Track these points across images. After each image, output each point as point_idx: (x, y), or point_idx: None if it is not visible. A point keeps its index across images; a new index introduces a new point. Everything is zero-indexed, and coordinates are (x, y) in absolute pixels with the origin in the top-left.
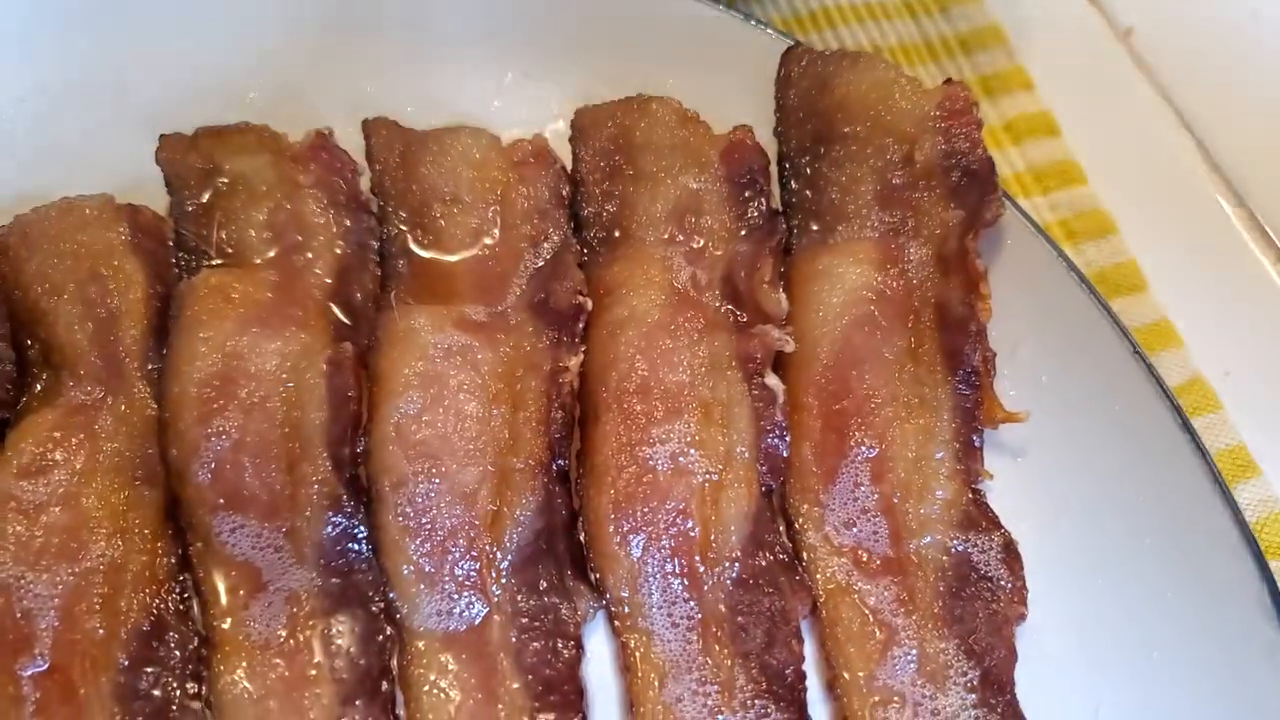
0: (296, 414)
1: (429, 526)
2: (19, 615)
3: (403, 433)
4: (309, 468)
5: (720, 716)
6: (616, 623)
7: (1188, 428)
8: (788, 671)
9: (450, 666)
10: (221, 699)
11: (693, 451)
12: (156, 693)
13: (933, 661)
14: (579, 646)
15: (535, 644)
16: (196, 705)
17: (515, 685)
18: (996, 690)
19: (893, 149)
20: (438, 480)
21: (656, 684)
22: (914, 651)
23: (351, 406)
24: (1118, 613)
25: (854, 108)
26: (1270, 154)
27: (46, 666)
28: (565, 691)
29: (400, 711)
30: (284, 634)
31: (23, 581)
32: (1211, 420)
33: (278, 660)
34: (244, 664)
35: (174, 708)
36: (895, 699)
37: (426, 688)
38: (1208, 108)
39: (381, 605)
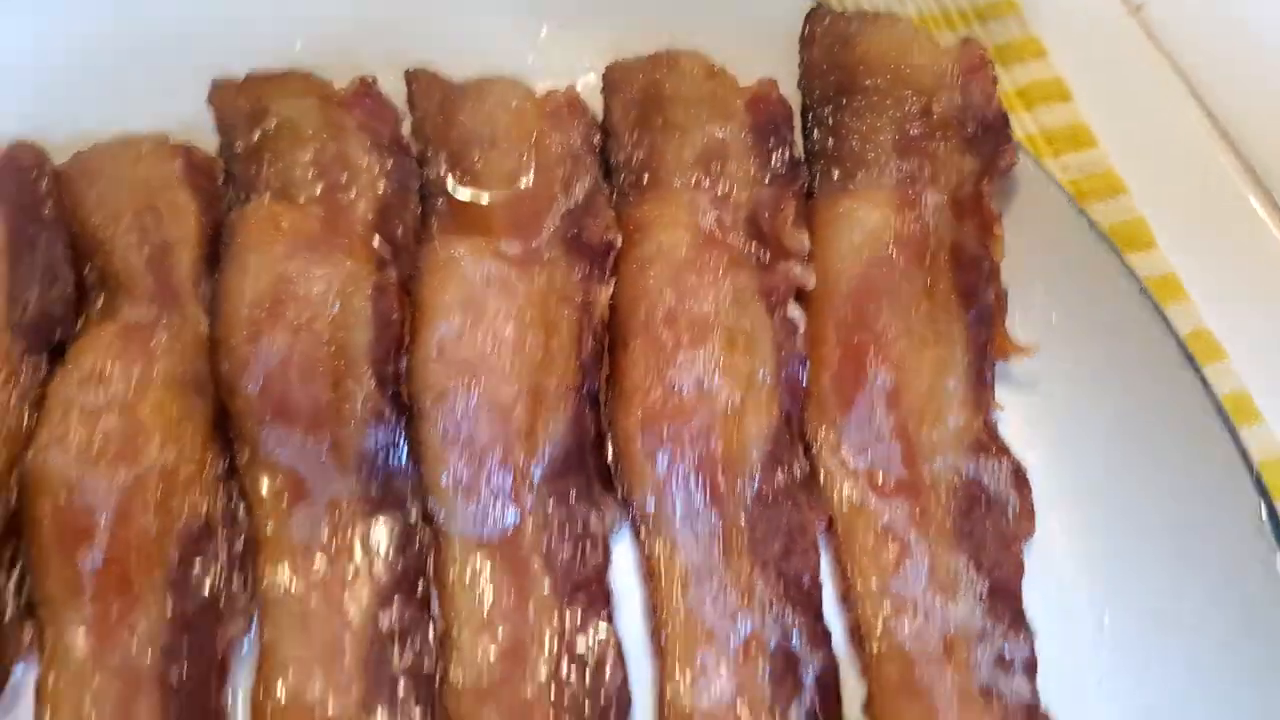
0: (342, 335)
1: (467, 439)
2: (79, 511)
3: (444, 352)
4: (353, 384)
5: (739, 618)
6: (642, 533)
7: (1190, 360)
8: (804, 578)
9: (484, 569)
10: (266, 596)
11: (716, 376)
12: (205, 587)
13: (943, 573)
14: (606, 553)
15: (564, 549)
16: (243, 600)
17: (545, 587)
18: (1004, 600)
19: (911, 101)
20: (476, 397)
21: (679, 589)
22: (925, 564)
23: (395, 329)
24: (1121, 532)
25: (875, 63)
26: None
27: (104, 558)
28: (593, 592)
29: (435, 611)
30: (325, 537)
31: (83, 481)
32: (1216, 369)
33: (319, 561)
34: (287, 564)
35: (222, 601)
36: (907, 608)
37: (462, 588)
38: (1217, 77)
39: (419, 512)
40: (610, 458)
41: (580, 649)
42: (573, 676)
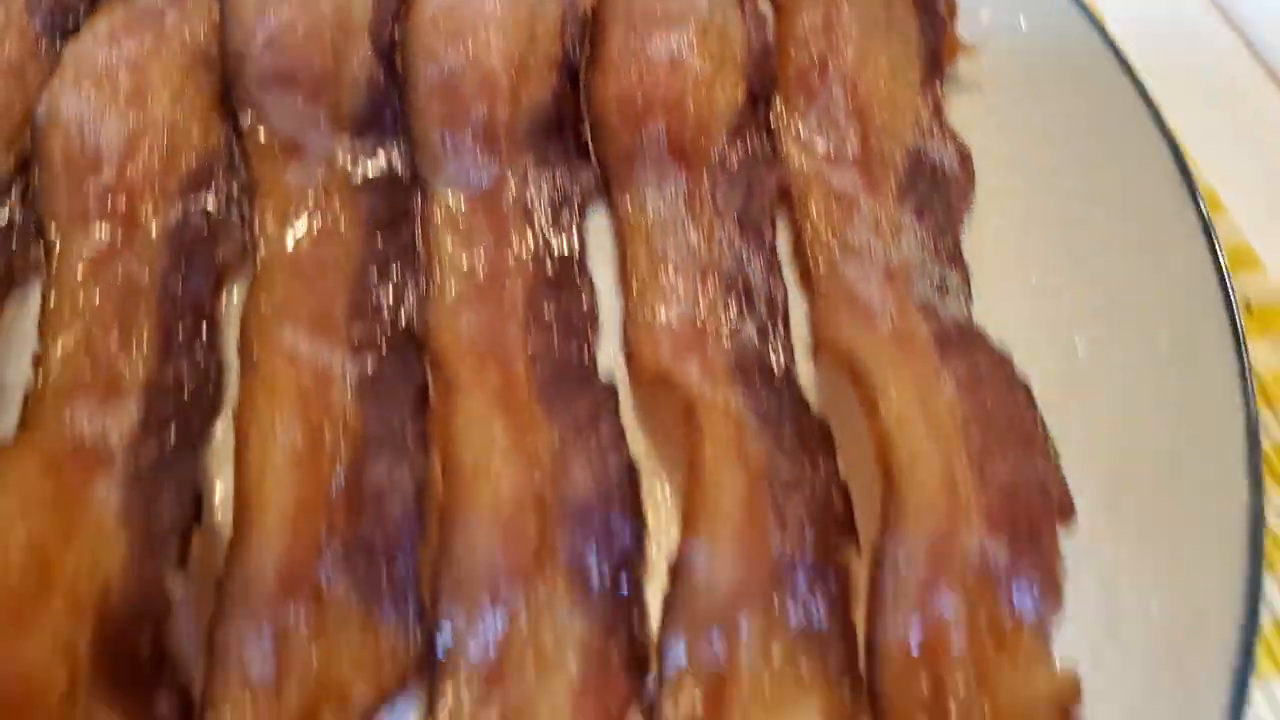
0: (342, 5)
1: (454, 99)
2: (89, 145)
3: (437, 22)
4: (351, 51)
5: (700, 254)
6: (614, 194)
7: (1135, 80)
8: (762, 226)
9: (467, 219)
10: (261, 234)
11: (689, 54)
12: (204, 217)
13: (889, 225)
14: (581, 210)
15: (542, 203)
16: (239, 230)
17: (524, 237)
18: (945, 242)
19: None
20: (465, 61)
21: (646, 237)
22: (872, 218)
23: (391, 2)
24: (1058, 221)
25: None
26: None
27: (109, 187)
28: (567, 239)
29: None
30: (319, 187)
31: (94, 121)
32: None
33: (313, 207)
34: (281, 207)
35: (220, 228)
36: (853, 250)
37: (446, 237)
38: None
39: (408, 170)
40: (588, 131)
41: (550, 271)
42: (549, 306)
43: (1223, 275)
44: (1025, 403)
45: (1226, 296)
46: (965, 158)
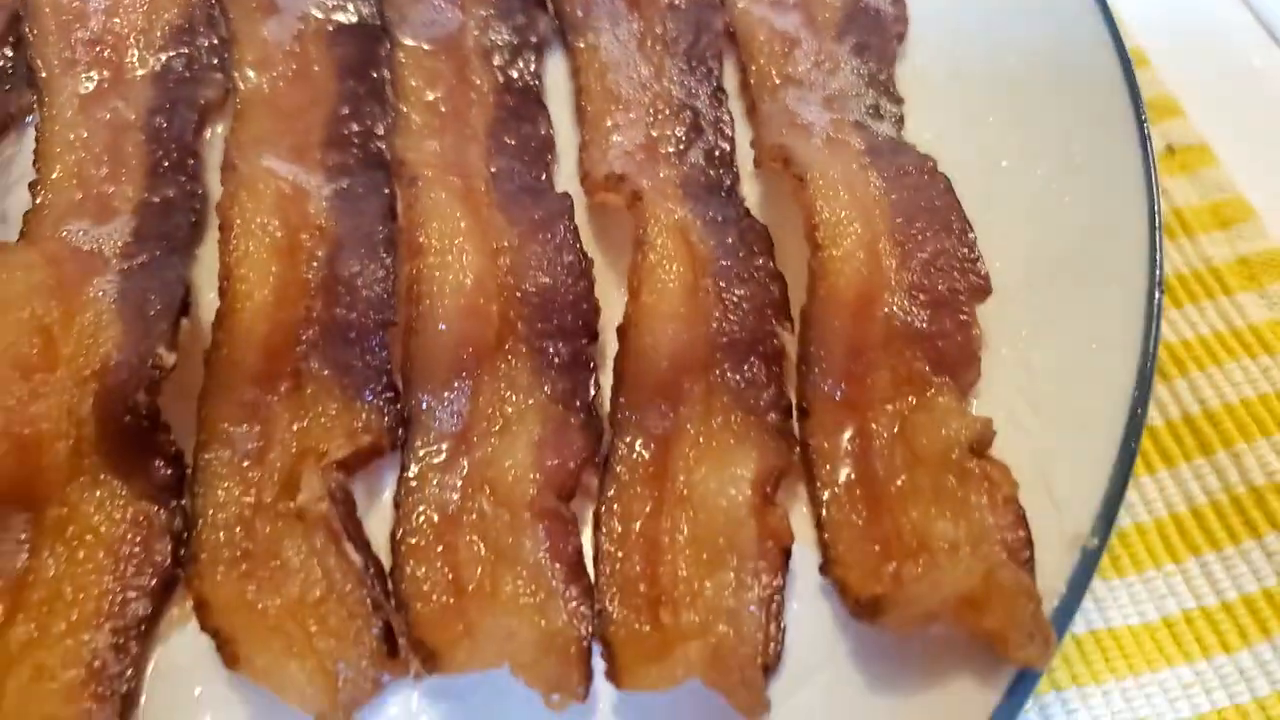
0: None
1: None
2: (77, 3)
3: None
4: None
5: (649, 86)
6: (569, 36)
7: None
8: (710, 62)
9: (431, 61)
10: (239, 83)
11: None
12: (187, 63)
13: (828, 58)
14: (539, 52)
15: (501, 46)
16: (220, 77)
17: (483, 77)
18: (886, 75)
19: None
20: None
21: (599, 74)
22: (812, 52)
23: None
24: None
25: None
26: None
27: (95, 37)
28: (525, 76)
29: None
30: (293, 40)
31: None
32: None
33: (289, 55)
34: (260, 58)
35: (203, 79)
36: (793, 81)
37: (411, 78)
38: None
39: (377, 18)
40: None
41: (510, 103)
42: (508, 135)
43: (1131, 81)
44: (945, 192)
45: (1135, 105)
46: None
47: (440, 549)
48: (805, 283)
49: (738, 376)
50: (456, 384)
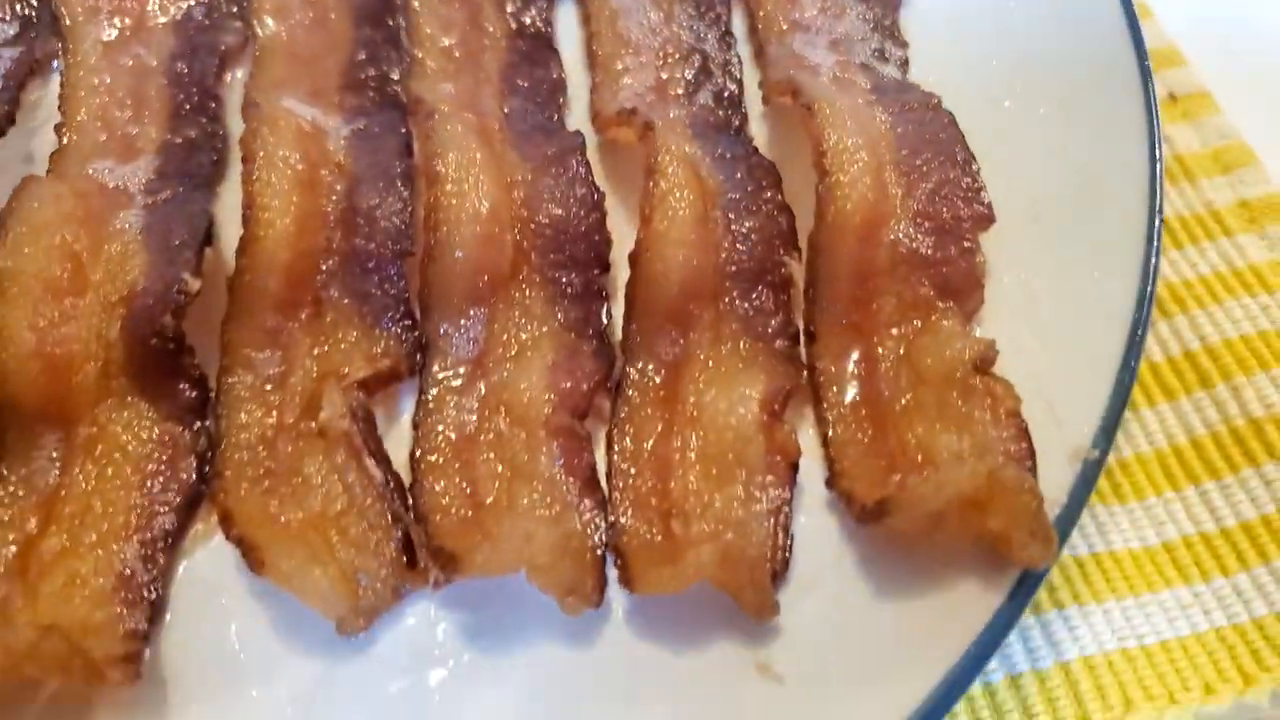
0: None
1: None
2: None
3: None
4: None
5: (659, 31)
6: None
7: None
8: (719, 7)
9: (445, 12)
10: (258, 30)
11: None
12: (210, 14)
13: (835, 4)
14: (550, 1)
15: None
16: (239, 23)
17: (495, 23)
18: (891, 20)
19: None
20: None
21: (610, 19)
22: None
23: None
24: None
25: None
26: None
27: None
28: (538, 22)
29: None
30: None
31: None
32: None
33: (307, 11)
34: (278, 5)
35: (222, 27)
36: (800, 27)
37: (426, 24)
38: None
39: None
40: None
41: (523, 47)
42: (521, 78)
43: (1134, 24)
44: (949, 125)
45: (1138, 49)
46: None
47: (458, 465)
48: (813, 217)
49: (746, 304)
50: (473, 311)
